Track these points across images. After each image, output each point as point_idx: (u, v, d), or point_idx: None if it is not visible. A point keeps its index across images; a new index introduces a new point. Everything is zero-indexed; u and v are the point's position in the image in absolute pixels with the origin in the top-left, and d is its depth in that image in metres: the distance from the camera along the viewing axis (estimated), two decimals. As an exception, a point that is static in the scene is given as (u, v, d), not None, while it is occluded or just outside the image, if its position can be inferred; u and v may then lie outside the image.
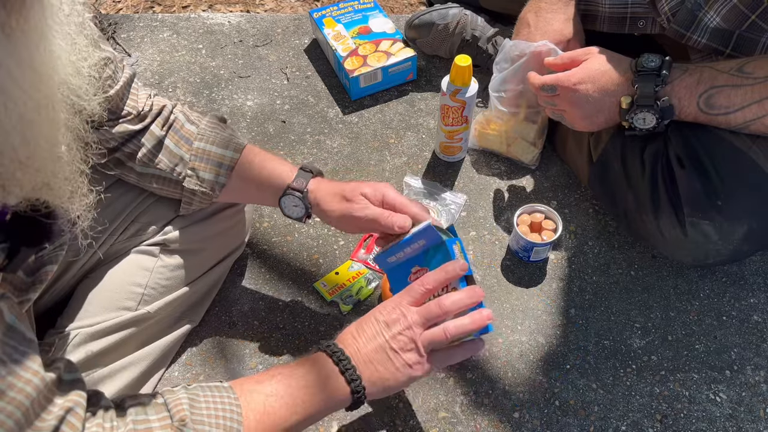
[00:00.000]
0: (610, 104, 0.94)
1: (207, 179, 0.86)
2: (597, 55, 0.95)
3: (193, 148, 0.86)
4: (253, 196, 0.92)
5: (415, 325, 0.72)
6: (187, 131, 0.86)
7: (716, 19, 0.91)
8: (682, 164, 0.95)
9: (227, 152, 0.86)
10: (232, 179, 0.87)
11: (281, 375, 0.70)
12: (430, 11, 1.31)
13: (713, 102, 0.89)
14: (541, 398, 0.95)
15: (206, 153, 0.86)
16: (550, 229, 1.06)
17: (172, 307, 0.92)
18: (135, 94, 0.83)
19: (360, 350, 0.72)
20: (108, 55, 0.77)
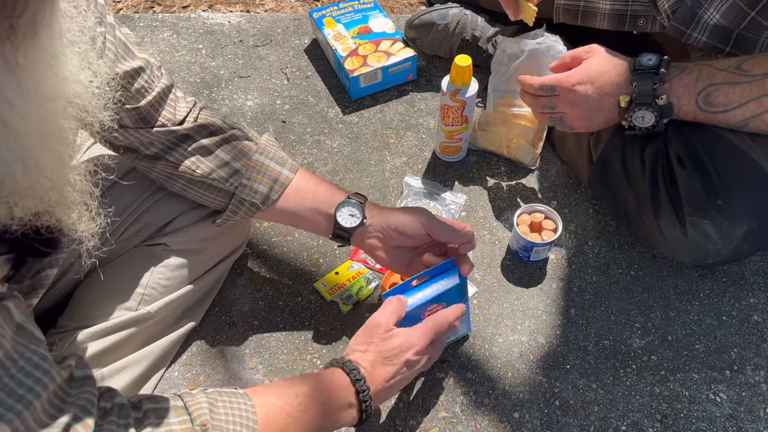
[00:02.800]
0: (610, 104, 0.94)
1: (260, 191, 0.86)
2: (596, 55, 0.95)
3: (252, 161, 0.86)
4: (301, 217, 0.90)
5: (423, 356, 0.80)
6: (245, 146, 0.87)
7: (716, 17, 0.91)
8: (682, 164, 0.95)
9: (284, 170, 0.88)
10: (285, 197, 0.88)
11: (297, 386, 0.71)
12: (430, 11, 1.31)
13: (712, 100, 0.89)
14: (541, 398, 0.95)
15: (264, 167, 0.87)
16: (550, 229, 1.06)
17: (172, 307, 0.92)
18: (173, 105, 0.82)
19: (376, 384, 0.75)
20: (140, 65, 0.77)
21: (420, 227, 0.85)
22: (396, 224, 0.86)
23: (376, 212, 0.88)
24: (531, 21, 1.05)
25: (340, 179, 1.21)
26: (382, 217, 0.87)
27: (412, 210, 0.87)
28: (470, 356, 0.99)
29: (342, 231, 0.87)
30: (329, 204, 0.88)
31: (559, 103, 0.96)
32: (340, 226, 0.87)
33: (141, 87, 0.77)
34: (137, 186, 0.90)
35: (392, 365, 0.76)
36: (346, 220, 0.87)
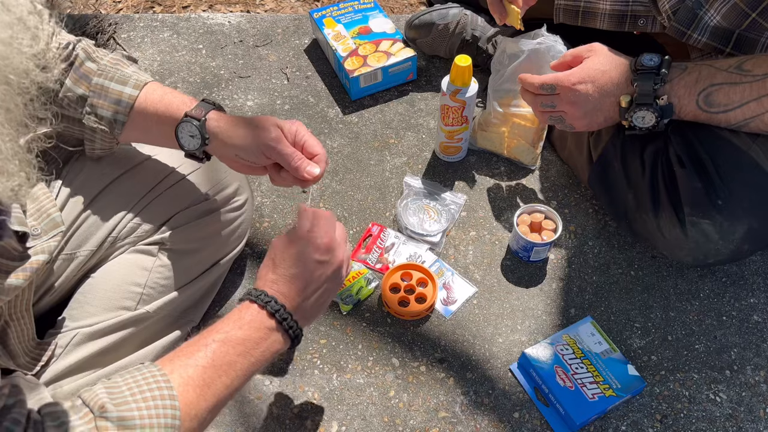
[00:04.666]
0: (610, 103, 0.94)
1: (105, 117, 0.82)
2: (598, 54, 0.95)
3: (92, 85, 0.81)
4: (154, 135, 0.85)
5: None
6: (87, 68, 0.81)
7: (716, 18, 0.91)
8: (682, 164, 0.95)
9: (126, 89, 0.81)
10: (134, 117, 0.82)
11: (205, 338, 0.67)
12: (430, 11, 1.31)
13: (712, 100, 0.89)
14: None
15: (104, 90, 0.81)
16: (550, 229, 1.06)
17: (171, 307, 0.92)
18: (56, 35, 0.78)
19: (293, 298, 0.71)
20: None
21: (261, 155, 0.80)
22: (236, 148, 0.80)
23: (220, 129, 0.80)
24: (517, 24, 1.05)
25: (340, 179, 1.21)
26: (223, 137, 0.80)
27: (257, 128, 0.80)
28: (470, 356, 0.99)
29: (187, 152, 0.83)
30: (171, 123, 0.82)
31: (560, 102, 0.96)
32: (183, 148, 0.83)
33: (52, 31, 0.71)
34: (134, 186, 0.90)
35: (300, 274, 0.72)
36: (187, 142, 0.82)
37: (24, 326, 0.78)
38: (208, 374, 0.64)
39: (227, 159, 0.84)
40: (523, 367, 0.97)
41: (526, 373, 0.96)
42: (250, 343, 0.67)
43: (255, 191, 1.18)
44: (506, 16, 1.07)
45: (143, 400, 0.59)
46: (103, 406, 0.57)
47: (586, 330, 0.98)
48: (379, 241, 1.11)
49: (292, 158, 0.79)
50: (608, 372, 0.93)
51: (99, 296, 0.87)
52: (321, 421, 0.93)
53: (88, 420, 0.57)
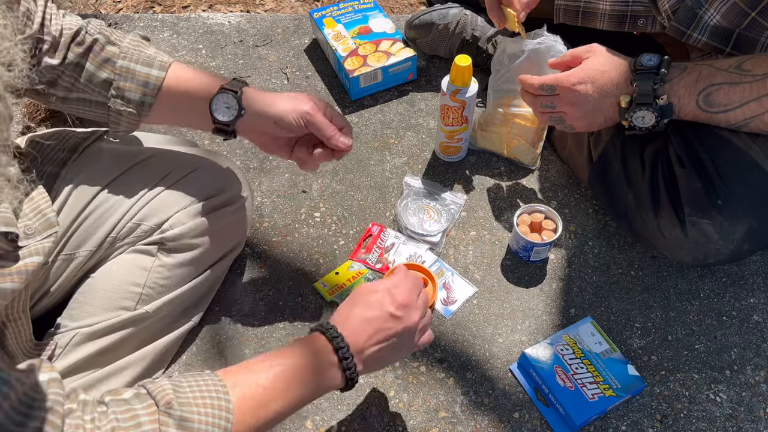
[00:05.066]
0: (610, 104, 0.94)
1: (133, 99, 0.83)
2: (597, 54, 0.95)
3: (116, 68, 0.82)
4: (182, 112, 0.87)
5: None
6: (109, 52, 0.82)
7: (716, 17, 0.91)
8: (682, 164, 0.95)
9: (152, 71, 0.82)
10: (161, 97, 0.83)
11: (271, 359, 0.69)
12: (430, 11, 1.31)
13: (712, 100, 0.89)
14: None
15: (131, 72, 0.82)
16: (550, 229, 1.06)
17: (171, 307, 0.92)
18: (48, 19, 0.78)
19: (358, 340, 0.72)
20: None
21: (300, 124, 0.83)
22: (275, 116, 0.83)
23: (257, 101, 0.83)
24: (516, 27, 1.05)
25: (340, 179, 1.21)
26: (261, 107, 0.83)
27: (294, 99, 0.84)
28: (470, 356, 0.99)
29: (221, 125, 0.84)
30: (205, 97, 0.83)
31: (559, 103, 0.96)
32: (216, 120, 0.83)
33: (26, 10, 0.72)
34: (133, 186, 0.89)
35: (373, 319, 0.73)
36: (222, 113, 0.83)
37: (21, 327, 0.78)
38: (265, 396, 0.66)
39: (258, 134, 0.86)
40: (523, 367, 0.97)
41: (526, 373, 0.96)
42: (310, 374, 0.69)
43: (255, 191, 1.18)
44: (505, 21, 1.07)
45: (203, 405, 0.61)
46: (170, 402, 0.59)
47: (586, 330, 0.98)
48: (379, 241, 1.11)
49: (328, 127, 0.83)
50: (608, 372, 0.93)
51: (98, 296, 0.87)
52: (321, 421, 0.93)
53: (151, 411, 0.58)
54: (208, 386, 0.63)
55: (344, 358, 0.70)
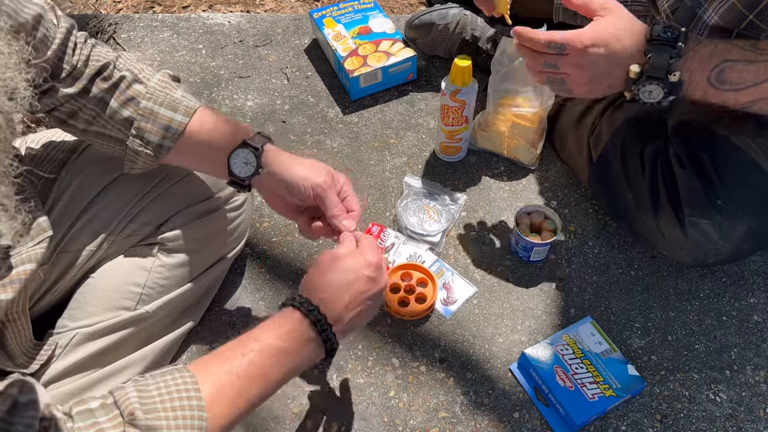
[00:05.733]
0: (618, 72, 0.85)
1: (152, 142, 0.82)
2: (614, 14, 0.85)
3: (140, 108, 0.80)
4: (200, 160, 0.86)
5: None
6: (135, 91, 0.81)
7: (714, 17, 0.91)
8: (681, 164, 0.95)
9: (176, 115, 0.81)
10: (181, 143, 0.82)
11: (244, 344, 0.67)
12: (430, 11, 1.31)
13: (725, 77, 0.82)
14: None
15: (153, 114, 0.81)
16: (550, 229, 1.06)
17: (171, 307, 0.92)
18: (71, 47, 0.77)
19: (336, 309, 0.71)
20: (36, 12, 0.69)
21: (309, 195, 0.81)
22: (288, 180, 0.82)
23: (276, 161, 0.82)
24: (506, 12, 1.02)
25: (340, 179, 1.21)
26: (278, 168, 0.82)
27: (311, 168, 0.82)
28: (470, 356, 0.99)
29: (236, 179, 0.83)
30: (225, 149, 0.82)
31: (564, 64, 0.86)
32: (233, 174, 0.83)
33: (43, 36, 0.70)
34: (133, 186, 0.89)
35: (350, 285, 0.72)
36: (240, 168, 0.82)
37: (21, 327, 0.78)
38: (240, 384, 0.64)
39: (270, 192, 0.86)
40: (523, 367, 0.97)
41: (526, 373, 0.96)
42: (287, 354, 0.68)
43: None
44: (494, 8, 1.05)
45: (172, 409, 0.59)
46: (133, 412, 0.58)
47: (586, 330, 0.98)
48: (379, 241, 1.11)
49: (335, 206, 0.82)
50: (608, 372, 0.93)
51: (98, 296, 0.87)
52: (321, 421, 0.93)
53: (117, 424, 0.57)
54: (177, 386, 0.61)
55: (323, 330, 0.69)
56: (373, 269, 0.75)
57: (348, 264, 0.74)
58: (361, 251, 0.76)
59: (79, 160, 0.89)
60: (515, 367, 0.98)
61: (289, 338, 0.68)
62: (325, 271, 0.74)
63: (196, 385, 0.62)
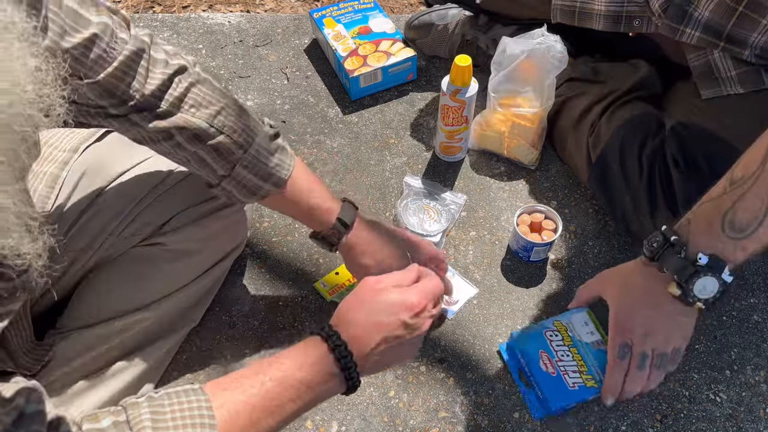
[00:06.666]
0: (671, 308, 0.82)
1: (236, 196, 0.84)
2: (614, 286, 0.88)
3: (233, 172, 0.80)
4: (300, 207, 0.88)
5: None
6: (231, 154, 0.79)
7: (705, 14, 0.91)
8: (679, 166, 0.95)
9: (266, 185, 0.82)
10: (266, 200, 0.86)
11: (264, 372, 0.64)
12: (429, 12, 1.31)
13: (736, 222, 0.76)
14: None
15: (244, 180, 0.81)
16: (550, 229, 1.06)
17: (171, 307, 0.92)
18: (143, 72, 0.72)
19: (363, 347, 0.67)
20: (94, 32, 0.66)
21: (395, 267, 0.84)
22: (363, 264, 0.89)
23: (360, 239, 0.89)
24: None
25: (340, 179, 1.21)
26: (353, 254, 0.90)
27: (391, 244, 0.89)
28: (470, 356, 0.99)
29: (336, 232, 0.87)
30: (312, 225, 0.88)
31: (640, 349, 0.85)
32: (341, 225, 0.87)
33: (98, 57, 0.68)
34: (134, 187, 0.89)
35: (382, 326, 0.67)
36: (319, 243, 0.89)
37: (22, 327, 0.78)
38: (256, 414, 0.62)
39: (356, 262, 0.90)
40: (510, 348, 0.98)
41: (512, 354, 0.97)
42: (306, 388, 0.64)
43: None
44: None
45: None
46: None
47: (580, 318, 0.98)
48: (379, 241, 1.11)
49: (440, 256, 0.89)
50: (594, 364, 0.93)
51: (99, 297, 0.87)
52: (321, 421, 0.93)
53: None
54: (192, 410, 0.59)
55: (347, 367, 0.65)
56: (412, 315, 0.68)
57: (388, 300, 0.69)
58: (410, 290, 0.70)
59: (80, 160, 0.89)
60: (504, 347, 0.99)
61: (312, 371, 0.65)
62: (362, 303, 0.69)
63: (211, 411, 0.60)
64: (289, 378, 0.64)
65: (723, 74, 1.01)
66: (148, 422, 0.57)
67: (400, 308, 0.68)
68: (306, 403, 0.65)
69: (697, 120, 1.02)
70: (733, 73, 1.00)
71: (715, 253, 0.76)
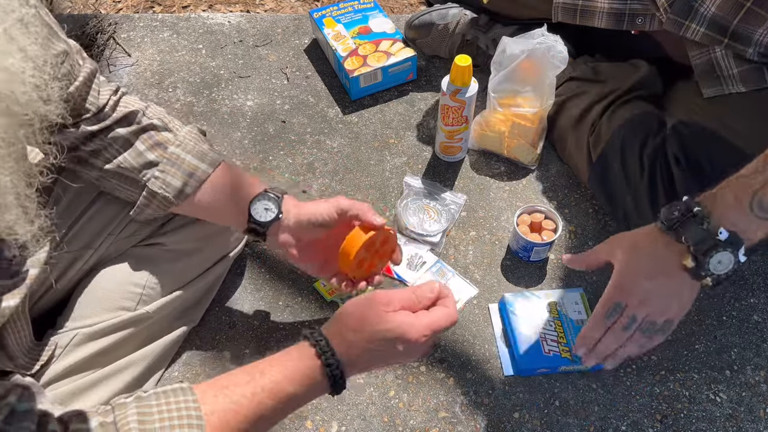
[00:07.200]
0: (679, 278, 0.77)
1: (173, 185, 0.84)
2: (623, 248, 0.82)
3: (167, 153, 0.84)
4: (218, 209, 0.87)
5: None
6: (164, 137, 0.84)
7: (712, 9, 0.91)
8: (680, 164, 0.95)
9: (202, 165, 0.84)
10: (202, 190, 0.85)
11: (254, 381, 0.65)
12: (429, 11, 1.31)
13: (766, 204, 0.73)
14: (541, 398, 0.95)
15: (180, 160, 0.84)
16: (550, 229, 1.06)
17: (171, 307, 0.92)
18: (96, 89, 0.80)
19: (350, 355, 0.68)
20: (64, 48, 0.73)
21: (332, 212, 0.84)
22: (309, 215, 0.85)
23: (293, 206, 0.86)
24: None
25: (340, 179, 1.21)
26: (297, 210, 0.86)
27: (327, 200, 0.86)
28: (470, 356, 0.99)
29: (257, 225, 0.85)
30: (245, 198, 0.85)
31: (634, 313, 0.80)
32: (254, 221, 0.85)
33: (67, 72, 0.74)
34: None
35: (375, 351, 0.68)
36: (260, 214, 0.85)
37: (21, 328, 0.78)
38: (244, 425, 0.63)
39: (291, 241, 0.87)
40: (500, 309, 1.03)
41: (500, 313, 1.02)
42: (296, 400, 0.67)
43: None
44: None
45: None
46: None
47: (572, 298, 1.01)
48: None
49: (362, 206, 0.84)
50: (574, 338, 0.96)
51: (99, 296, 0.87)
52: (321, 421, 0.93)
53: None
54: (180, 411, 0.60)
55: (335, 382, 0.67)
56: (408, 347, 0.68)
57: (390, 329, 0.67)
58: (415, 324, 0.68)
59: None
60: (494, 308, 1.03)
61: (302, 386, 0.66)
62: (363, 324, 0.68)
63: (199, 411, 0.60)
64: (280, 391, 0.65)
65: (725, 72, 1.00)
66: (135, 423, 0.58)
67: (399, 341, 0.68)
68: (293, 409, 0.68)
69: (698, 119, 1.02)
70: (735, 71, 1.00)
71: (737, 230, 0.73)
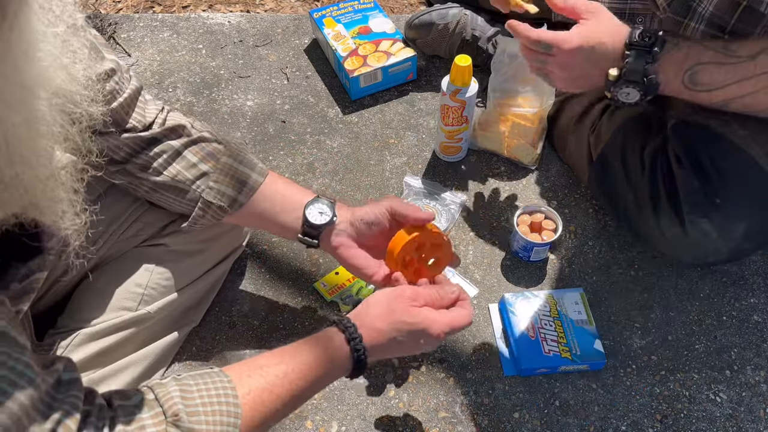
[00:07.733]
0: (598, 73, 0.89)
1: (228, 194, 0.85)
2: (599, 17, 0.89)
3: (219, 163, 0.85)
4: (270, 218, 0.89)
5: None
6: (215, 148, 0.86)
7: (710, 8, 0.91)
8: (681, 163, 0.95)
9: (253, 174, 0.86)
10: (255, 200, 0.87)
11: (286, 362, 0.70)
12: (429, 11, 1.31)
13: (697, 79, 0.86)
14: (541, 398, 0.95)
15: (233, 170, 0.85)
16: (550, 229, 1.06)
17: (172, 308, 0.92)
18: (142, 107, 0.82)
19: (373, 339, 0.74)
20: (112, 66, 0.76)
21: (383, 210, 0.85)
22: (361, 215, 0.86)
23: (345, 209, 0.88)
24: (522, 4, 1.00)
25: (340, 179, 1.21)
26: (350, 212, 0.88)
27: (379, 201, 0.88)
28: (470, 356, 0.99)
29: (311, 229, 0.86)
30: (298, 204, 0.87)
31: (550, 63, 0.91)
32: (310, 224, 0.86)
33: (112, 89, 0.76)
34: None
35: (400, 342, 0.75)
36: (315, 217, 0.86)
37: (22, 328, 0.78)
38: (273, 401, 0.67)
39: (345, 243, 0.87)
40: (500, 309, 1.02)
41: (499, 315, 1.02)
42: (323, 382, 0.73)
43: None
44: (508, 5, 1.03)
45: (212, 413, 0.61)
46: (178, 413, 0.59)
47: (572, 298, 1.02)
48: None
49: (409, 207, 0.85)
50: (574, 338, 0.97)
51: (100, 296, 0.87)
52: (321, 421, 0.93)
53: (159, 422, 0.59)
54: (218, 391, 0.63)
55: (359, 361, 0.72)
56: (427, 341, 0.75)
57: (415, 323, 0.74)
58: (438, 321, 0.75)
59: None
60: (494, 308, 1.03)
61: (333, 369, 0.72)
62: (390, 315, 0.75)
63: (234, 391, 0.64)
64: (311, 373, 0.70)
65: None
66: (178, 398, 0.60)
67: (421, 334, 0.75)
68: (316, 392, 0.74)
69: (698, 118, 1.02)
70: None
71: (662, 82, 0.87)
